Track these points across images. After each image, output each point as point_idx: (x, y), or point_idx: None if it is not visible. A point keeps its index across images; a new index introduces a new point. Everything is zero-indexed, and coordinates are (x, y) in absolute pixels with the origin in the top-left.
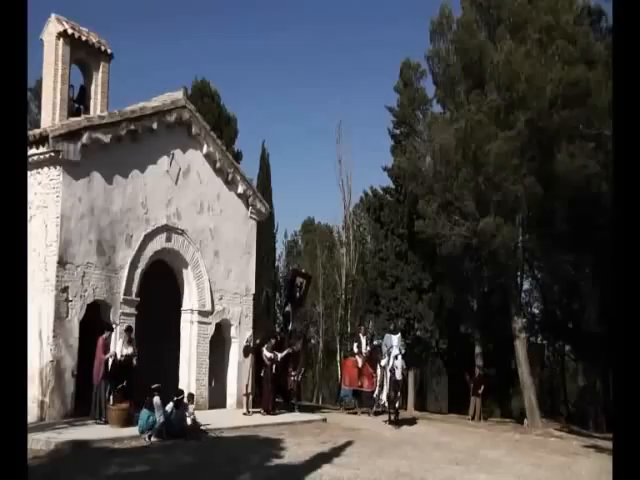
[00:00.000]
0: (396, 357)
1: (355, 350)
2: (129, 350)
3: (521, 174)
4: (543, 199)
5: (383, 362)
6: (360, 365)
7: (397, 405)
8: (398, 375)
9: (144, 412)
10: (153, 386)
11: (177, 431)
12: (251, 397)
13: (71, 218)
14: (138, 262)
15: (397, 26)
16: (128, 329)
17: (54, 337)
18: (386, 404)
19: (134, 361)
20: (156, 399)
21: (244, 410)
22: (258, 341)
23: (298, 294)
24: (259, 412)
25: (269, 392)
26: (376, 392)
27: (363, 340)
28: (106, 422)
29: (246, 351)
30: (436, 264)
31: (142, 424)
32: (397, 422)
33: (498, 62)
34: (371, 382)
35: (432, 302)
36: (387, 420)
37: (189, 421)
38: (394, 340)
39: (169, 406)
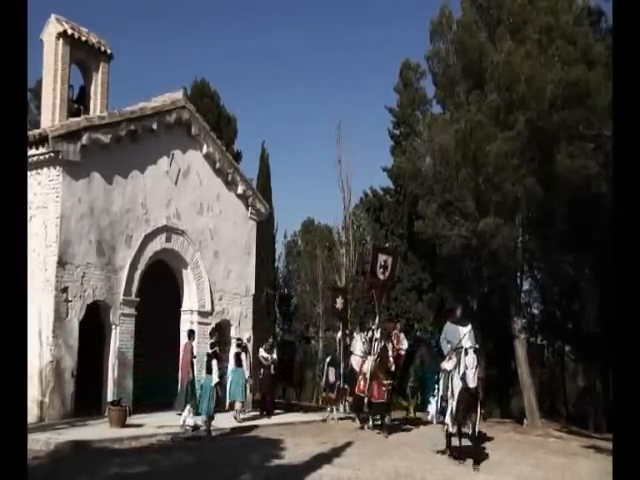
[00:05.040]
0: (467, 352)
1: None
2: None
3: (521, 174)
4: (543, 200)
5: (447, 365)
6: None
7: (473, 427)
8: (471, 381)
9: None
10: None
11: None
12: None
13: (71, 218)
14: (138, 262)
15: (397, 26)
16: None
17: (54, 337)
18: (450, 426)
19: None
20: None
21: (234, 414)
22: (246, 340)
23: (383, 276)
24: (257, 413)
25: (268, 393)
26: (432, 408)
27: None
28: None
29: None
30: (436, 264)
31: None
32: (477, 458)
33: (498, 62)
34: None
35: (432, 302)
36: (445, 450)
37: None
38: (463, 333)
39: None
